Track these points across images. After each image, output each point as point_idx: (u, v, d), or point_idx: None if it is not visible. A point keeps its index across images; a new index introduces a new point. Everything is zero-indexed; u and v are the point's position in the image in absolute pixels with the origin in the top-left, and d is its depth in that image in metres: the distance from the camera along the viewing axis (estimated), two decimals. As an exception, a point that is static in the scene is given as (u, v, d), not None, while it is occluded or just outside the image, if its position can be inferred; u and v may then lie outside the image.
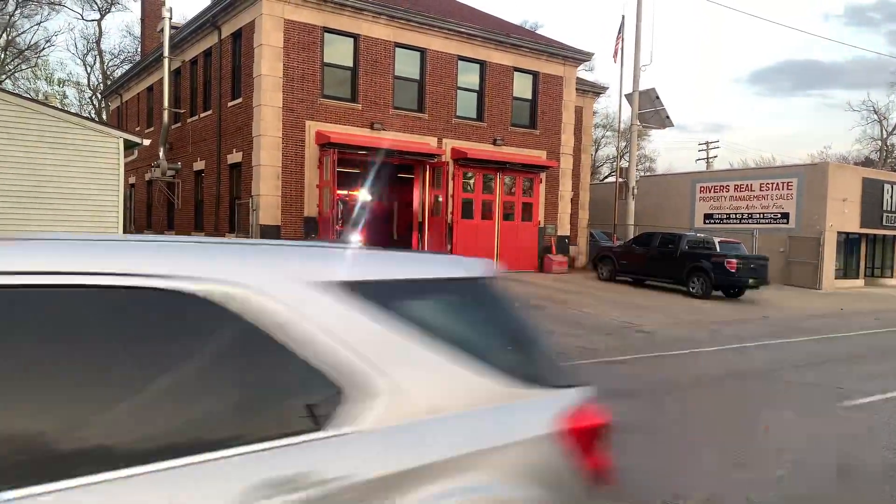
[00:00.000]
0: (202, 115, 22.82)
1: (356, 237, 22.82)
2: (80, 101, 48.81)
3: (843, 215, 26.82)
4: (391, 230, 25.48)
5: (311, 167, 19.30)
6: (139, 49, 38.02)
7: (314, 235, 19.16)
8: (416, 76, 21.32)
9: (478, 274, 2.65)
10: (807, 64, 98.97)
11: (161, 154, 23.67)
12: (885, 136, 61.37)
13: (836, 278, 27.04)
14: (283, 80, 18.69)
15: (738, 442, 6.26)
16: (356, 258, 2.46)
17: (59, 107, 16.86)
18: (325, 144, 19.06)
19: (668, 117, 27.47)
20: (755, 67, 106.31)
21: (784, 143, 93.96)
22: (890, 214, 28.94)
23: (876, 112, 61.30)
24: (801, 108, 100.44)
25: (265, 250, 2.37)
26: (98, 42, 47.38)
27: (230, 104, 20.61)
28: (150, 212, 27.83)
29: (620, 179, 29.39)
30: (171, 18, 22.54)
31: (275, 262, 2.25)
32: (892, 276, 31.07)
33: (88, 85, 48.41)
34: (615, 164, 41.12)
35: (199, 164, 22.92)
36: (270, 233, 18.58)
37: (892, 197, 29.01)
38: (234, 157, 20.24)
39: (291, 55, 18.83)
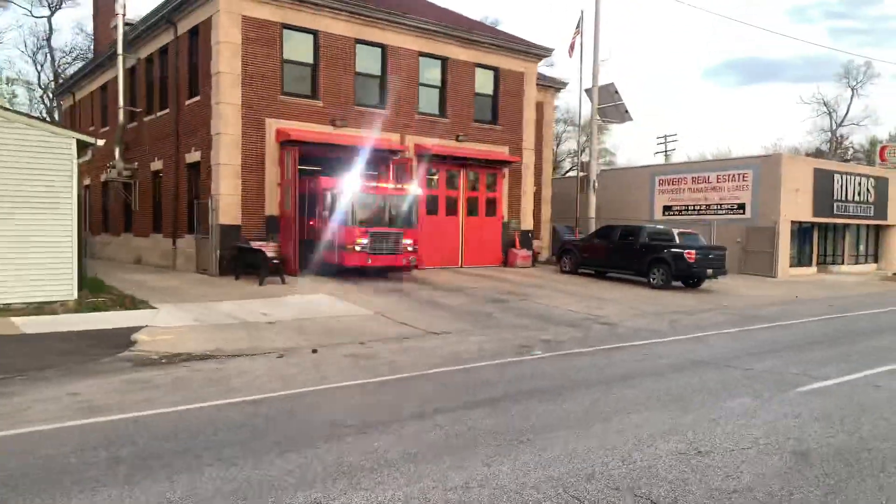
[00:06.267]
0: (159, 113, 22.32)
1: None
2: (30, 101, 47.35)
3: (797, 205, 27.58)
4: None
5: (271, 165, 19.05)
6: (92, 46, 36.99)
7: (275, 234, 18.93)
8: (378, 72, 21.21)
9: None
10: (754, 60, 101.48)
11: (117, 154, 23.10)
12: (834, 127, 63.29)
13: (790, 266, 27.79)
14: (241, 77, 18.40)
15: (697, 429, 6.41)
16: None
17: (7, 107, 16.32)
18: (285, 142, 18.84)
19: (626, 111, 27.84)
20: (711, 63, 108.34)
21: (739, 136, 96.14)
22: (840, 203, 29.85)
23: (826, 105, 63.18)
24: (753, 101, 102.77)
25: None
26: (48, 39, 46.00)
27: (188, 102, 20.21)
28: (106, 214, 27.14)
29: (582, 173, 29.69)
30: (125, 15, 21.95)
31: None
32: (842, 263, 32.06)
33: (39, 84, 46.98)
34: (576, 158, 41.57)
35: (156, 164, 22.43)
36: (230, 233, 18.30)
37: (842, 186, 29.91)
38: (193, 156, 19.86)
39: (250, 52, 18.54)
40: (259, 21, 18.64)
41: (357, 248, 17.49)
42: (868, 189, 31.31)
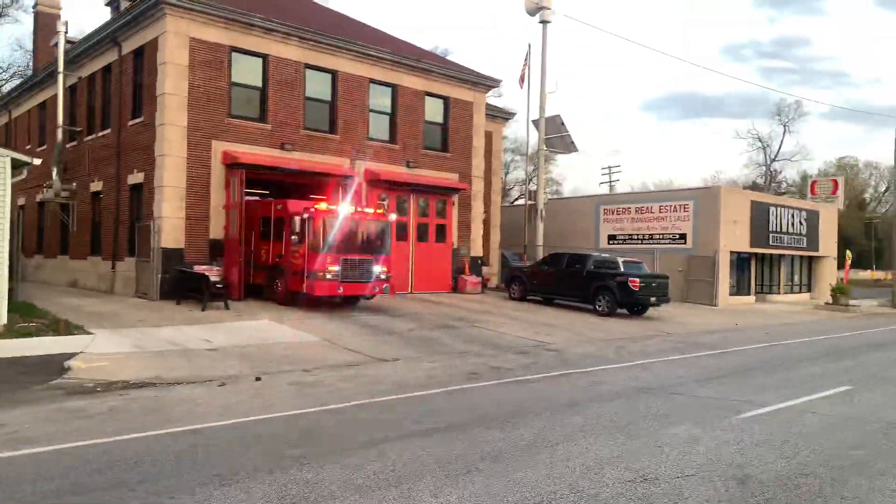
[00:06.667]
0: (100, 133, 21.69)
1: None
2: (-39, 117, 45.27)
3: (735, 236, 28.57)
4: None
5: (217, 188, 18.68)
6: (31, 63, 35.77)
7: (219, 258, 18.49)
8: (328, 97, 21.16)
9: None
10: (693, 95, 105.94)
11: (54, 174, 22.23)
12: (768, 162, 66.20)
13: (730, 295, 28.67)
14: (188, 98, 18.07)
15: (643, 456, 6.47)
16: None
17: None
18: (232, 165, 18.53)
19: (572, 142, 28.47)
20: (653, 96, 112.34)
21: (680, 167, 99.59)
22: (776, 235, 31.09)
23: (760, 140, 66.11)
24: (693, 134, 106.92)
25: None
26: (-17, 54, 44.33)
27: (131, 123, 19.71)
28: (41, 235, 26.05)
29: (529, 202, 30.14)
30: (66, 33, 21.35)
31: None
32: (779, 293, 33.27)
33: (-29, 99, 45.01)
34: (524, 187, 42.21)
35: (96, 185, 21.71)
36: (173, 256, 17.80)
37: (777, 218, 31.20)
38: (135, 177, 19.32)
39: (197, 74, 18.26)
40: (207, 43, 18.41)
41: (328, 276, 16.58)
42: (801, 221, 32.74)
